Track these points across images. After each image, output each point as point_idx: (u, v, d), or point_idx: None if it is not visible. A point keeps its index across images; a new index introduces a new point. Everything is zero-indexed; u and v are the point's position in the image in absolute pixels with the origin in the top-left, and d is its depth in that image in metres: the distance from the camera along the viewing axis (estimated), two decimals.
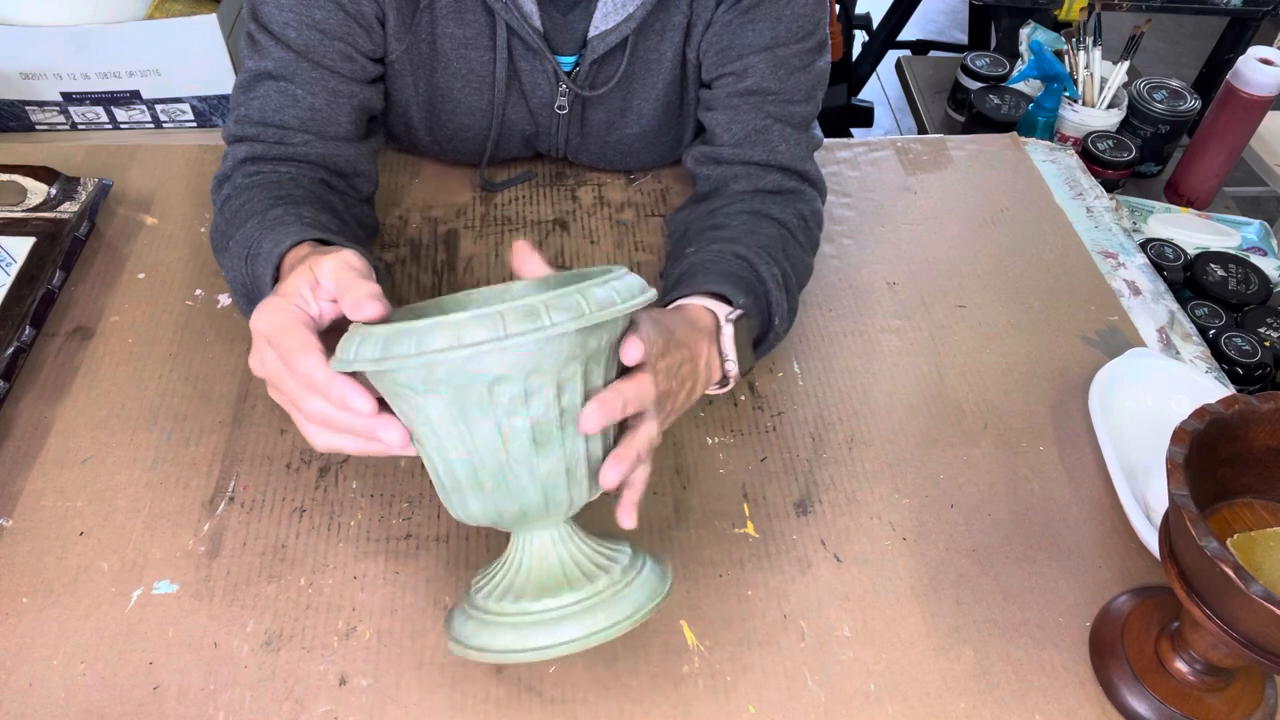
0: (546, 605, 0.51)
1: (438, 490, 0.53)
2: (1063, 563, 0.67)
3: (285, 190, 0.69)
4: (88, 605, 0.61)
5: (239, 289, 0.66)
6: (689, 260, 0.72)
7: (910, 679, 0.60)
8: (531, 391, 0.48)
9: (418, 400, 0.48)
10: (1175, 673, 0.58)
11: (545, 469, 0.50)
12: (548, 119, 0.85)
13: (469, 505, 0.51)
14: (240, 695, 0.57)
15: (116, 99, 1.02)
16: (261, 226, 0.63)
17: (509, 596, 0.52)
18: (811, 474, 0.71)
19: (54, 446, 0.69)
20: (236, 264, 0.64)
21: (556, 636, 0.49)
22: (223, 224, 0.69)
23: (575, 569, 0.52)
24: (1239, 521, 0.58)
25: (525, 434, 0.48)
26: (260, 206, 0.66)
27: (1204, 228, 1.15)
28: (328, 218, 0.68)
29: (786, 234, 0.75)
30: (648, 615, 0.52)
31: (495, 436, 0.48)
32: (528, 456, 0.49)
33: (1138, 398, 0.75)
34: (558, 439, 0.50)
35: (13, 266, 0.79)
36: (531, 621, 0.50)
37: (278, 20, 0.71)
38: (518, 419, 0.48)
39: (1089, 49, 1.35)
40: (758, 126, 0.79)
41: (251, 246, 0.63)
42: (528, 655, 0.50)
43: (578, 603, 0.51)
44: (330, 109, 0.74)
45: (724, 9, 0.78)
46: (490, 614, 0.52)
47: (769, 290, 0.70)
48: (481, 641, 0.51)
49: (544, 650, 0.49)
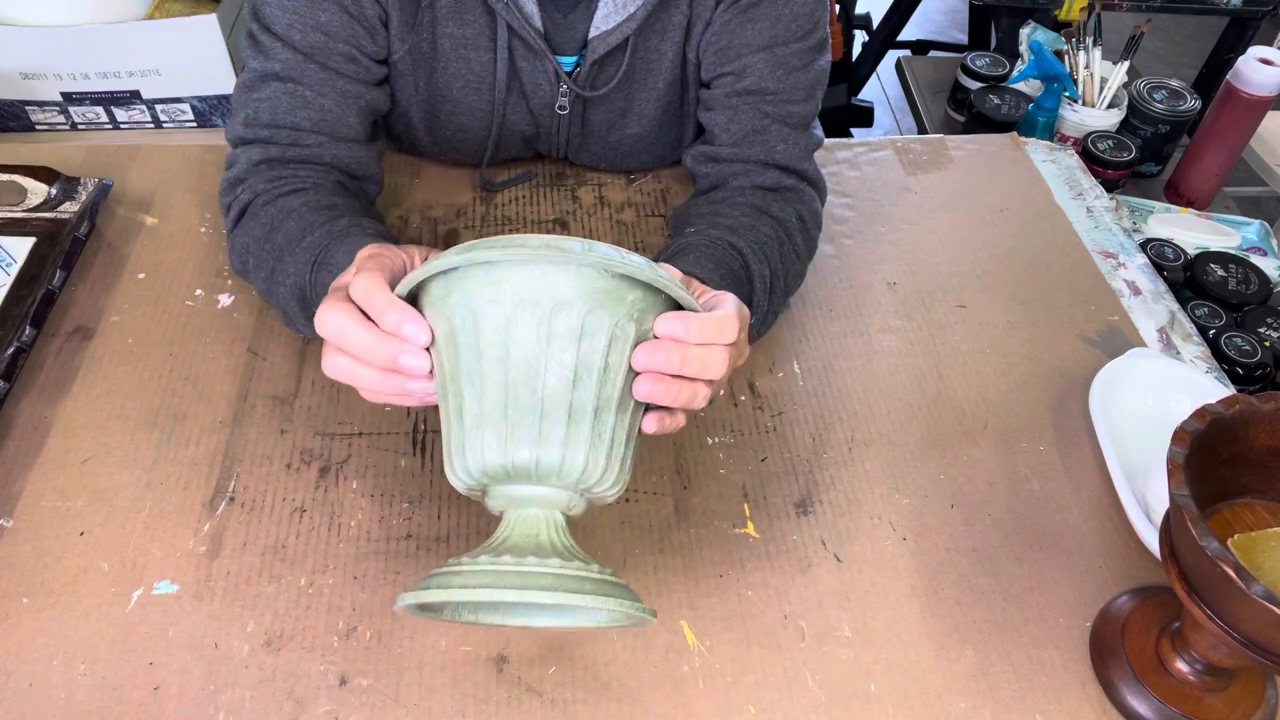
0: (530, 565, 0.47)
1: (452, 436, 0.51)
2: (1063, 563, 0.67)
3: (333, 198, 0.71)
4: (88, 605, 0.61)
5: (294, 294, 0.67)
6: (687, 239, 0.72)
7: (910, 679, 0.60)
8: (587, 330, 0.48)
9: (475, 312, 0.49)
10: (1176, 673, 0.58)
11: (579, 424, 0.49)
12: (548, 119, 0.85)
13: (485, 445, 0.49)
14: (240, 695, 0.57)
15: (116, 99, 1.02)
16: (331, 235, 0.66)
17: (486, 553, 0.49)
18: (811, 474, 0.71)
19: (54, 446, 0.69)
20: (299, 270, 0.66)
21: (529, 595, 0.46)
22: (259, 230, 0.69)
23: (563, 549, 0.50)
24: (1239, 521, 0.58)
25: (569, 370, 0.49)
26: (323, 216, 0.68)
27: (1204, 228, 1.15)
28: (383, 227, 0.71)
29: (783, 235, 0.75)
30: (621, 619, 0.51)
31: (540, 364, 0.48)
32: (564, 397, 0.49)
33: (1138, 398, 0.75)
34: (593, 393, 0.49)
35: (13, 266, 0.79)
36: (509, 570, 0.47)
37: (281, 22, 0.71)
38: (566, 354, 0.49)
39: (1089, 49, 1.35)
40: (756, 126, 0.79)
41: (320, 254, 0.65)
42: (498, 594, 0.46)
43: (562, 572, 0.47)
44: (340, 110, 0.74)
45: (723, 8, 0.77)
46: (464, 565, 0.48)
47: (754, 290, 0.70)
48: (444, 582, 0.47)
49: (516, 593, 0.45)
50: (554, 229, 0.89)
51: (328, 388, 0.74)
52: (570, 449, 0.49)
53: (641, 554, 0.65)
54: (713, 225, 0.73)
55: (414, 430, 0.71)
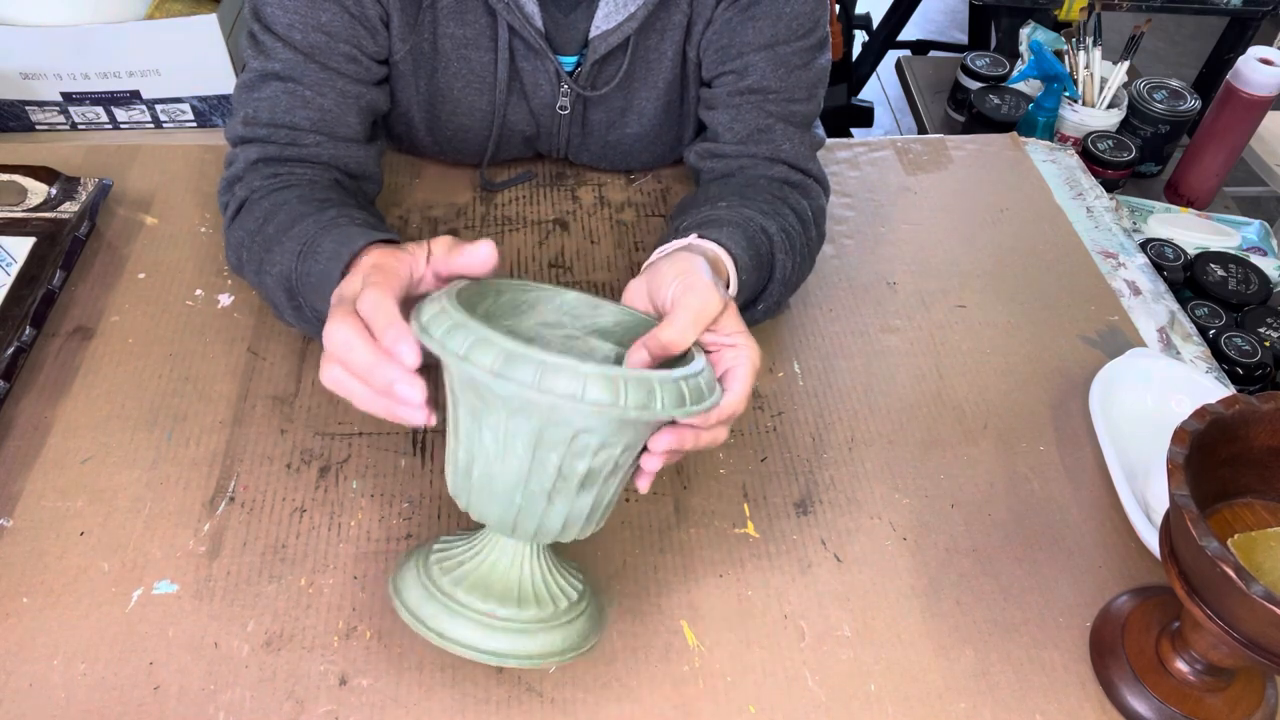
0: (493, 610, 0.53)
1: (457, 481, 0.54)
2: (1063, 563, 0.67)
3: (326, 193, 0.70)
4: (88, 605, 0.61)
5: (280, 283, 0.66)
6: (719, 212, 0.71)
7: (910, 679, 0.60)
8: (603, 446, 0.50)
9: (498, 413, 0.49)
10: (1176, 673, 0.58)
11: (580, 505, 0.53)
12: (549, 119, 0.85)
13: (488, 510, 0.53)
14: (240, 695, 0.57)
15: (116, 99, 1.02)
16: (319, 225, 0.64)
17: (463, 585, 0.54)
18: (811, 474, 0.71)
19: (54, 446, 0.69)
20: (286, 258, 0.65)
21: (487, 643, 0.52)
22: (253, 224, 0.69)
23: (529, 588, 0.55)
24: (1239, 521, 0.58)
25: (579, 476, 0.51)
26: (313, 207, 0.67)
27: (1204, 228, 1.15)
28: (375, 219, 0.69)
29: (801, 229, 0.75)
30: (570, 659, 0.54)
31: (554, 470, 0.51)
32: (571, 493, 0.52)
33: (1138, 398, 0.75)
34: (599, 485, 0.53)
35: (13, 266, 0.79)
36: (472, 618, 0.52)
37: (282, 22, 0.71)
38: (580, 463, 0.51)
39: (1089, 49, 1.35)
40: (760, 125, 0.79)
41: (307, 243, 0.63)
42: (454, 647, 0.52)
43: (521, 621, 0.53)
44: (340, 110, 0.74)
45: (723, 7, 0.77)
46: (441, 592, 0.53)
47: (773, 279, 0.71)
48: (422, 614, 0.53)
49: (471, 651, 0.51)
50: (554, 229, 0.89)
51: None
52: (573, 521, 0.53)
53: (641, 554, 0.65)
54: (745, 203, 0.72)
55: (414, 430, 0.71)
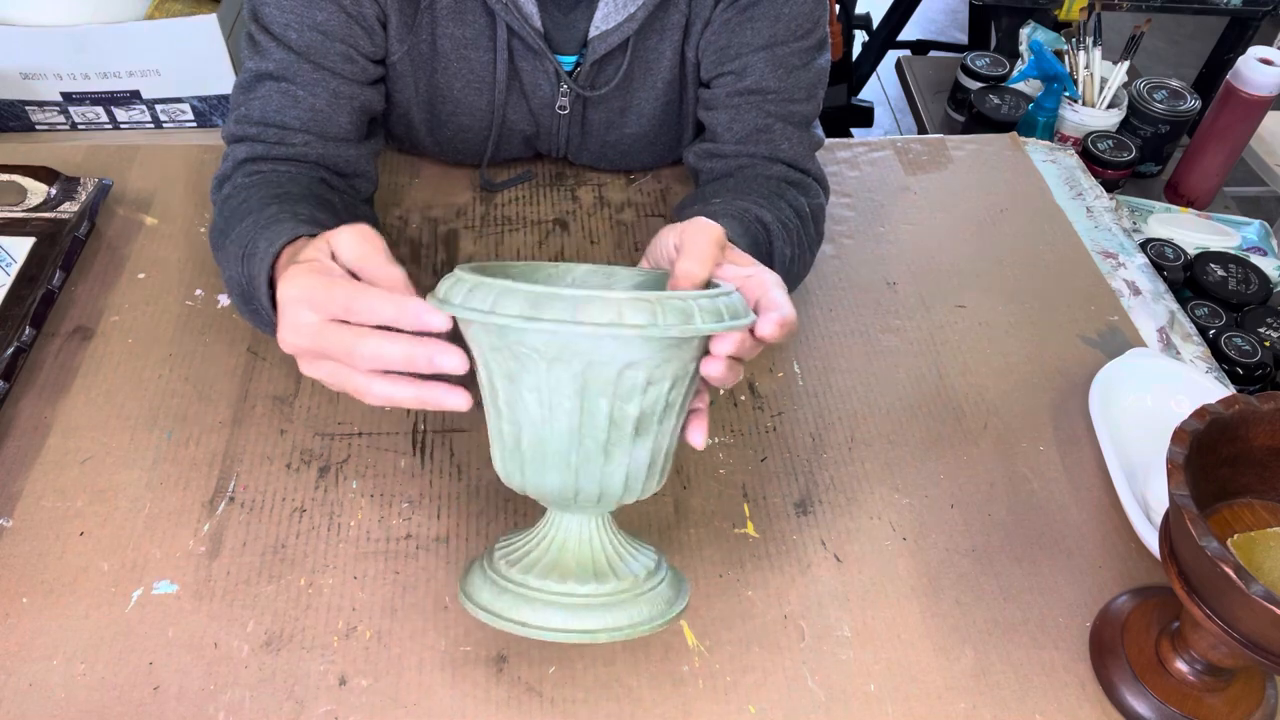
0: (572, 589, 0.51)
1: (504, 458, 0.52)
2: (1063, 563, 0.67)
3: (283, 188, 0.69)
4: (88, 605, 0.61)
5: (235, 288, 0.65)
6: (713, 207, 0.70)
7: (910, 679, 0.60)
8: (652, 382, 0.49)
9: (536, 368, 0.48)
10: (1175, 673, 0.58)
11: (638, 456, 0.51)
12: (548, 119, 0.85)
13: (546, 481, 0.51)
14: (240, 695, 0.57)
15: (116, 99, 1.02)
16: (257, 225, 0.63)
17: (534, 570, 0.52)
18: (811, 474, 0.71)
19: (54, 446, 0.69)
20: (233, 263, 0.64)
21: (572, 623, 0.50)
22: (221, 223, 0.68)
23: (604, 561, 0.53)
24: (1239, 521, 0.58)
25: (632, 421, 0.49)
26: (256, 205, 0.66)
27: (1204, 228, 1.15)
28: (325, 215, 0.67)
29: (800, 222, 0.75)
30: (662, 626, 0.52)
31: (605, 418, 0.49)
32: (627, 442, 0.50)
33: (1138, 398, 0.75)
34: (654, 430, 0.51)
35: (13, 266, 0.79)
36: (551, 601, 0.51)
37: (279, 22, 0.71)
38: (630, 405, 0.49)
39: (1089, 49, 1.35)
40: (760, 125, 0.79)
41: (247, 245, 0.62)
42: (540, 633, 0.50)
43: (603, 595, 0.51)
44: (331, 110, 0.74)
45: (722, 7, 0.77)
46: (512, 583, 0.52)
47: (773, 267, 0.71)
48: (497, 608, 0.51)
49: (558, 633, 0.50)
50: (554, 229, 0.89)
51: (327, 388, 0.73)
52: (634, 477, 0.52)
53: None
54: (739, 197, 0.73)
55: (414, 430, 0.71)
